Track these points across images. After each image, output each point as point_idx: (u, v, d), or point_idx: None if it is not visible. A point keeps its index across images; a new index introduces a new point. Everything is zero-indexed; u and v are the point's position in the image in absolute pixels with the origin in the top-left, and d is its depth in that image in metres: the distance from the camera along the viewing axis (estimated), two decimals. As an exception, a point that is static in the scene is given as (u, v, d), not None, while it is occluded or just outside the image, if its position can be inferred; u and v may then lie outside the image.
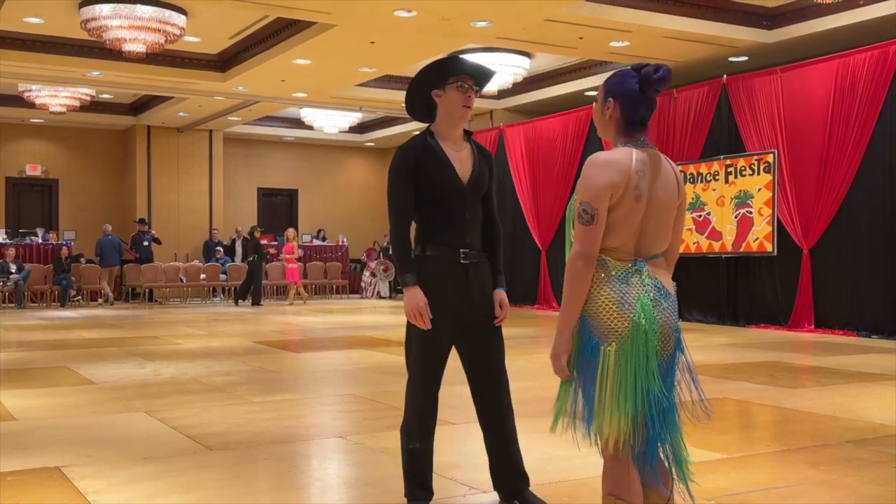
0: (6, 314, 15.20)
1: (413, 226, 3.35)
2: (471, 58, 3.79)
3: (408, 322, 3.31)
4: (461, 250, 3.26)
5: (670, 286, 2.55)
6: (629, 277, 2.46)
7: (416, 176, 3.25)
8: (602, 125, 2.61)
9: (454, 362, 3.38)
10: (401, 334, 3.46)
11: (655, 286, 2.48)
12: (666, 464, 2.53)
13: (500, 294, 3.36)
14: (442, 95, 3.29)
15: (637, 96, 2.51)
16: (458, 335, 3.33)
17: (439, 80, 3.29)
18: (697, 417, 2.55)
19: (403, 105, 3.48)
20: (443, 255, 3.25)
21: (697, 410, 2.56)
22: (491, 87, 14.16)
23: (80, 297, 17.85)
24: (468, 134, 3.41)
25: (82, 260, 18.33)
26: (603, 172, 2.44)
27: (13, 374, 7.48)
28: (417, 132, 3.40)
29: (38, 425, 5.24)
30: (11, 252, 17.03)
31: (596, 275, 2.46)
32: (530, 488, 3.44)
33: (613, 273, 2.46)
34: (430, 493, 3.38)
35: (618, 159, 2.47)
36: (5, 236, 18.23)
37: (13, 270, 16.81)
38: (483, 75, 3.36)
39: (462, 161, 3.30)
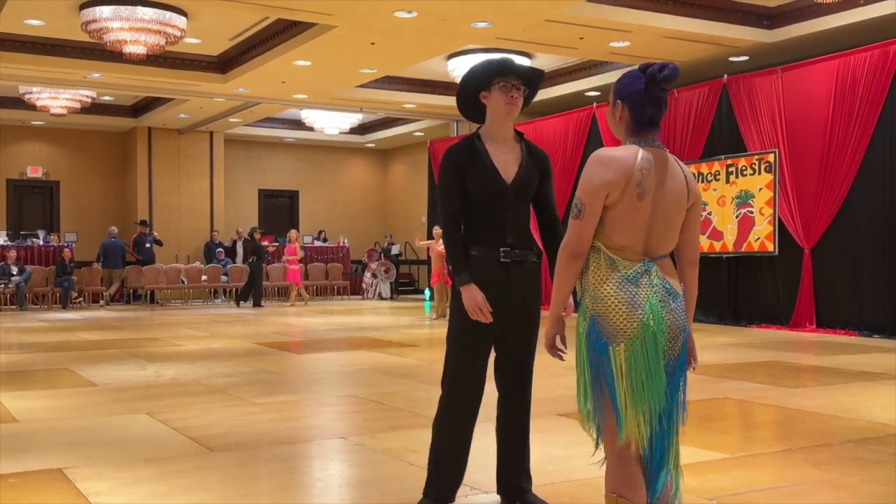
0: (8, 316, 15.21)
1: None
2: (471, 59, 3.80)
3: (449, 323, 3.33)
4: (501, 249, 3.25)
5: (678, 287, 2.55)
6: (638, 278, 2.45)
7: (461, 178, 3.28)
8: (614, 127, 2.62)
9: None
10: (403, 335, 3.47)
11: (664, 287, 2.48)
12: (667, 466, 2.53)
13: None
14: (488, 96, 3.31)
15: (643, 96, 2.50)
16: (497, 338, 3.31)
17: (485, 82, 3.31)
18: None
19: (403, 106, 3.50)
20: (483, 255, 3.26)
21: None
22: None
23: (81, 299, 17.86)
24: (520, 135, 3.41)
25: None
26: (602, 170, 2.45)
27: (15, 376, 7.49)
28: (419, 133, 3.41)
29: (39, 427, 5.24)
30: (13, 254, 17.04)
31: (606, 274, 2.47)
32: (532, 490, 3.44)
33: (623, 273, 2.45)
34: (446, 497, 3.33)
35: (621, 157, 2.47)
36: (6, 238, 18.23)
37: (14, 272, 16.82)
38: (530, 75, 3.35)
39: (507, 162, 3.30)
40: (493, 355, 3.37)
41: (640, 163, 2.45)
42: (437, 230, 13.23)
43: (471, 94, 3.35)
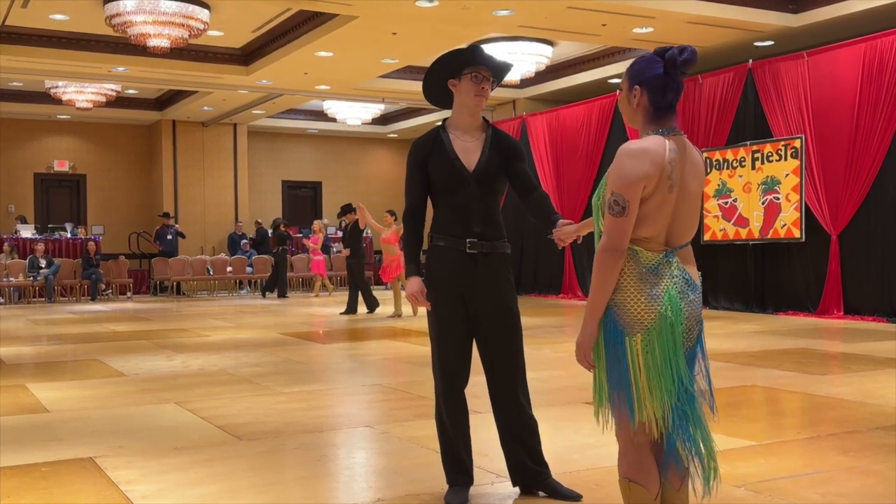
0: (37, 308, 15.42)
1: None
2: (493, 47, 3.84)
3: (427, 316, 3.39)
4: (467, 240, 3.28)
5: (696, 277, 2.51)
6: (659, 269, 2.42)
7: (426, 169, 3.33)
8: (629, 114, 2.54)
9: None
10: (425, 324, 3.48)
11: (684, 278, 2.44)
12: (683, 455, 2.49)
13: (564, 222, 3.28)
14: (457, 85, 3.32)
15: (664, 80, 2.44)
16: (471, 324, 3.35)
17: (455, 70, 3.32)
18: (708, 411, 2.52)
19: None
20: (449, 245, 3.30)
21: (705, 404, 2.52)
22: (513, 76, 14.11)
23: (109, 291, 18.06)
24: (487, 123, 3.42)
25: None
26: (637, 163, 2.38)
27: (45, 367, 7.60)
28: (441, 123, 3.42)
29: (70, 417, 5.32)
30: (40, 247, 17.25)
31: (626, 265, 2.42)
32: (553, 477, 3.44)
33: (644, 263, 2.42)
34: (468, 479, 3.41)
35: (652, 149, 2.40)
36: (34, 231, 18.47)
37: (43, 265, 17.04)
38: (499, 67, 3.37)
39: (469, 151, 3.32)
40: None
41: (668, 154, 2.40)
42: (387, 217, 13.05)
43: (440, 80, 3.36)
